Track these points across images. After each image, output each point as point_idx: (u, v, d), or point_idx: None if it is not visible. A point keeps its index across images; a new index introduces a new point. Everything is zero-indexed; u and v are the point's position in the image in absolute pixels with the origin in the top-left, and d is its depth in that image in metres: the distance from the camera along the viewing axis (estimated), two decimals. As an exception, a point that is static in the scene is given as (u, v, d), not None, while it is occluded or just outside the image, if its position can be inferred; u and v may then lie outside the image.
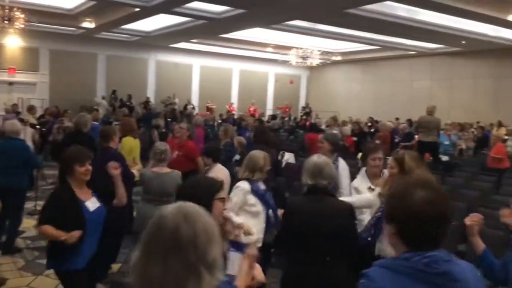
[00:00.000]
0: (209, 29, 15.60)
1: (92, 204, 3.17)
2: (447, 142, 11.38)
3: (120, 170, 3.33)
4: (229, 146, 7.14)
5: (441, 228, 1.41)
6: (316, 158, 3.02)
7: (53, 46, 18.59)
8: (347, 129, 10.78)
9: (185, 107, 19.35)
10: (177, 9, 13.05)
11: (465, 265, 1.45)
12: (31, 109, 11.90)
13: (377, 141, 8.82)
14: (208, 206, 2.03)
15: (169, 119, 14.85)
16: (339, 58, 21.79)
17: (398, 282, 1.36)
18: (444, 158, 9.95)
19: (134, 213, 4.80)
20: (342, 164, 4.50)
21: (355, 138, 11.46)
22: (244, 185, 3.68)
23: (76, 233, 2.95)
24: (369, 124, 14.94)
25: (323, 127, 12.12)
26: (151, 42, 19.57)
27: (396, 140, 11.28)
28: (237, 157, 6.84)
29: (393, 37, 16.58)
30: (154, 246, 1.13)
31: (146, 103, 19.14)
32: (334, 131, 9.91)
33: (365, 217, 3.46)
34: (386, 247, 2.98)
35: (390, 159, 3.31)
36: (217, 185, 2.15)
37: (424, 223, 1.37)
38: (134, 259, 1.16)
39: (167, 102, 19.11)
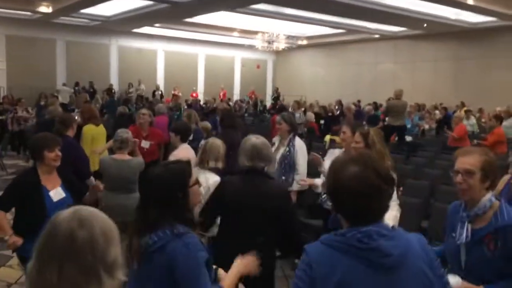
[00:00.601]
0: (172, 13, 15.25)
1: (56, 194, 3.11)
2: (409, 125, 11.65)
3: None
4: (199, 134, 7.04)
5: (377, 203, 1.41)
6: (255, 139, 2.88)
7: (9, 32, 17.77)
8: (311, 115, 11.04)
9: (153, 94, 19.01)
10: (139, -8, 12.71)
11: (410, 237, 1.45)
12: None
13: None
14: (185, 193, 1.98)
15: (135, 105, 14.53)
16: (304, 42, 21.87)
17: (332, 257, 1.38)
18: (408, 138, 10.19)
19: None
20: (299, 143, 4.57)
21: (322, 121, 11.58)
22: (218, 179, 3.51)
23: (18, 241, 2.97)
24: (336, 107, 15.08)
25: (289, 110, 12.18)
26: (112, 27, 19.00)
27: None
28: (203, 142, 6.75)
29: (357, 21, 16.73)
30: (48, 253, 1.10)
31: (109, 90, 18.63)
32: (296, 114, 9.99)
33: None
34: None
35: (356, 134, 3.34)
36: (188, 169, 2.06)
37: (355, 198, 1.39)
38: (29, 267, 1.12)
39: (128, 90, 18.68)
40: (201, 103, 17.64)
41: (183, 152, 4.40)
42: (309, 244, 1.46)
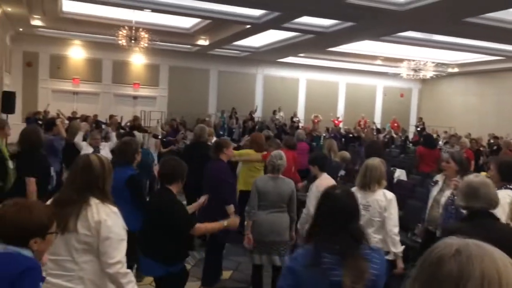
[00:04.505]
0: (317, 43, 15.66)
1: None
2: None
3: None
4: (335, 163, 7.05)
5: None
6: (472, 178, 2.69)
7: (171, 63, 20.16)
8: (466, 140, 9.94)
9: (291, 120, 19.56)
10: (287, 25, 13.33)
11: None
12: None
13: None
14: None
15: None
16: (455, 70, 20.44)
17: None
18: None
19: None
20: None
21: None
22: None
23: (237, 220, 3.68)
24: (491, 141, 13.68)
25: (440, 143, 11.37)
26: (259, 57, 20.21)
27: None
28: (342, 172, 6.72)
29: (519, 46, 15.11)
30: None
31: (250, 115, 19.59)
32: (456, 149, 9.02)
33: None
34: None
35: None
36: None
37: None
38: None
39: (274, 118, 19.43)
40: (341, 131, 17.54)
41: (325, 181, 4.48)
42: None
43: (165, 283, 3.34)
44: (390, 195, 3.64)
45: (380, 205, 3.59)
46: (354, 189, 3.72)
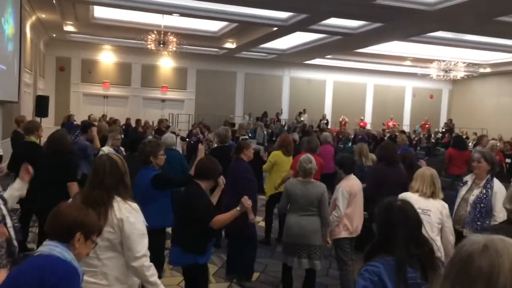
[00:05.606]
0: (344, 44, 15.55)
1: None
2: None
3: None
4: (367, 168, 6.94)
5: None
6: None
7: (199, 66, 20.39)
8: (495, 142, 9.70)
9: (319, 123, 19.45)
10: (314, 27, 13.28)
11: None
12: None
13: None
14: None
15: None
16: (488, 70, 19.92)
17: None
18: None
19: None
20: (498, 185, 4.09)
21: (508, 160, 10.26)
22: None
23: (246, 198, 3.41)
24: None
25: (470, 144, 11.09)
26: (286, 60, 20.21)
27: None
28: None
29: (556, 45, 14.62)
30: (445, 273, 1.01)
31: (277, 117, 19.60)
32: (486, 149, 8.82)
33: None
34: None
35: None
36: None
37: None
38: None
39: (299, 119, 19.41)
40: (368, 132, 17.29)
41: (351, 182, 4.54)
42: None
43: (193, 274, 3.45)
44: (445, 204, 3.64)
45: (442, 211, 3.57)
46: (411, 195, 3.65)
